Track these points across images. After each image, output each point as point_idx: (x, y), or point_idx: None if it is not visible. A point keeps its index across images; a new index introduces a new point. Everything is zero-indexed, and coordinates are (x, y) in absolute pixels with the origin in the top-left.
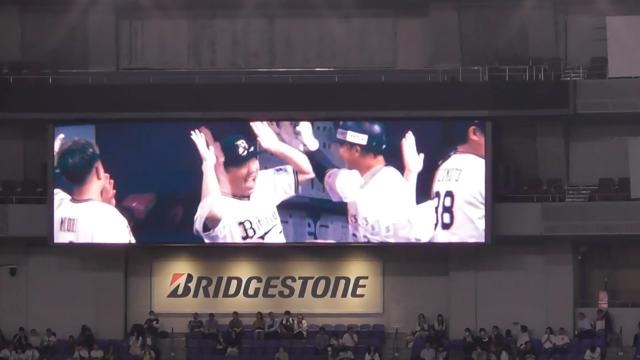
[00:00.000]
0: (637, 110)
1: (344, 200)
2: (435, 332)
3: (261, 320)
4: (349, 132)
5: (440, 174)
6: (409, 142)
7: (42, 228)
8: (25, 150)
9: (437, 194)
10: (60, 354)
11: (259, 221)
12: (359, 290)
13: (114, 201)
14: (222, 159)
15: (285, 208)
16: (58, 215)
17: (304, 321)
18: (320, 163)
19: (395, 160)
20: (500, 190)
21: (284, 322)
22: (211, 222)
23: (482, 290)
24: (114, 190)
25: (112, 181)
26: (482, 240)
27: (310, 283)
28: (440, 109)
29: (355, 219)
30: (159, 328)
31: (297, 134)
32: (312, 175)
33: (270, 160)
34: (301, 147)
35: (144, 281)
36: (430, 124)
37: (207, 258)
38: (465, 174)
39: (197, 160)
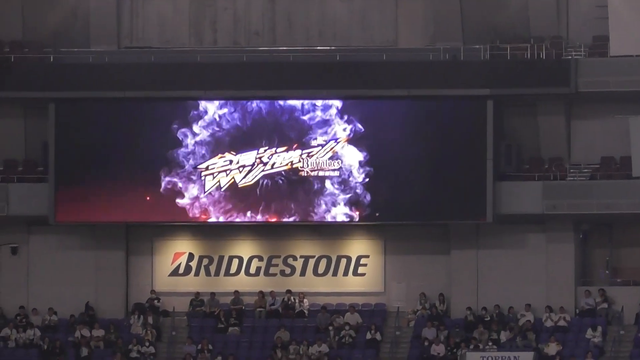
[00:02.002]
0: (638, 88)
1: None
2: (436, 310)
3: (262, 299)
4: None
5: None
6: None
7: (43, 207)
8: (26, 129)
9: None
10: (61, 333)
11: None
12: (360, 269)
13: None
14: None
15: None
16: None
17: (305, 300)
18: None
19: None
20: (502, 169)
21: (285, 300)
22: None
23: (484, 269)
24: None
25: None
26: (484, 218)
27: (311, 262)
28: (441, 88)
29: None
30: (161, 307)
31: None
32: None
33: None
34: None
35: (145, 260)
36: None
37: (209, 237)
38: None
39: None
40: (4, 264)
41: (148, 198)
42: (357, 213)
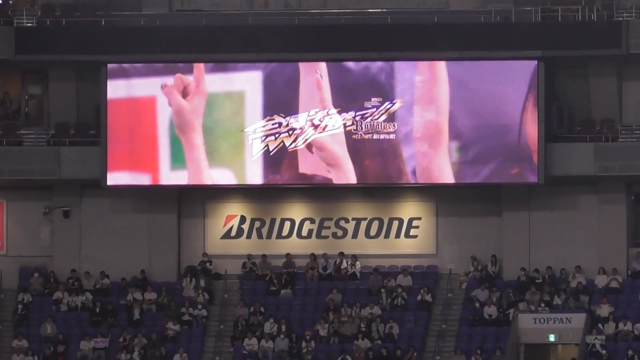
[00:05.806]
0: None
1: None
2: (488, 272)
3: (314, 262)
4: None
5: None
6: None
7: (95, 170)
8: (78, 93)
9: None
10: (113, 296)
11: None
12: (412, 231)
13: None
14: None
15: None
16: None
17: (357, 262)
18: None
19: None
20: (554, 131)
21: (337, 262)
22: None
23: (535, 231)
24: None
25: None
26: (535, 180)
27: (363, 224)
28: (493, 50)
29: None
30: (213, 270)
31: None
32: None
33: None
34: None
35: (198, 223)
36: None
37: (260, 199)
38: None
39: None
40: (57, 227)
41: (199, 161)
42: (409, 175)
